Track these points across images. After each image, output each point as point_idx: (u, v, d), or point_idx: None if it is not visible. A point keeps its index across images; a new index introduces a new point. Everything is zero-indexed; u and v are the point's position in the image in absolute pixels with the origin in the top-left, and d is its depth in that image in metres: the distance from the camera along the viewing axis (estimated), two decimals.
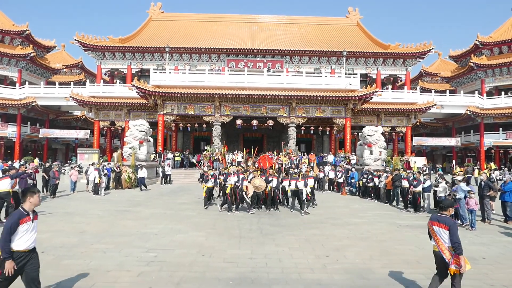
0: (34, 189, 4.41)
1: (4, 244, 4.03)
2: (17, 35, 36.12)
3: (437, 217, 4.89)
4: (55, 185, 15.72)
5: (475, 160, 37.68)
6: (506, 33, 37.95)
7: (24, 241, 4.20)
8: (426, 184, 13.15)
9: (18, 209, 4.30)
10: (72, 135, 37.32)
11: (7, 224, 4.10)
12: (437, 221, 4.83)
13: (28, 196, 4.30)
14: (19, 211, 4.25)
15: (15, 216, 4.15)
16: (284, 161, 22.83)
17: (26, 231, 4.20)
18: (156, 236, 8.75)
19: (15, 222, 4.10)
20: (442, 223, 4.74)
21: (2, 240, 4.04)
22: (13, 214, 4.21)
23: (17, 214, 4.19)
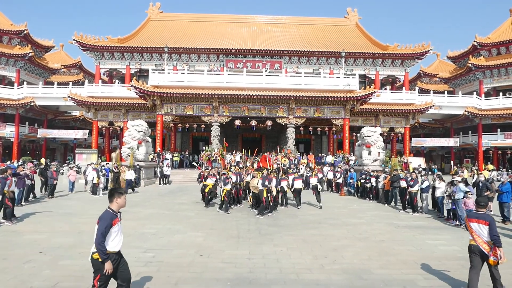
0: (121, 190, 4.38)
1: (101, 246, 4.01)
2: (16, 34, 36.03)
3: (476, 215, 5.31)
4: (53, 186, 15.69)
5: (473, 161, 37.76)
6: (504, 34, 38.06)
7: (116, 242, 4.20)
8: (424, 184, 13.17)
9: (107, 210, 4.23)
10: (71, 135, 37.26)
11: (102, 226, 4.05)
12: (475, 218, 5.24)
13: (116, 197, 4.27)
14: (110, 213, 4.20)
15: (108, 218, 4.11)
16: (283, 161, 22.87)
17: (117, 232, 4.21)
18: (154, 236, 8.74)
19: (109, 224, 4.09)
20: (481, 219, 5.15)
21: (98, 242, 4.02)
22: (105, 216, 4.13)
23: (109, 216, 4.14)
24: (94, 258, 4.12)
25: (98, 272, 4.10)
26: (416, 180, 13.30)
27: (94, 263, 4.14)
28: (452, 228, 10.56)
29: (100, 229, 4.04)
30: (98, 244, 4.01)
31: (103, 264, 4.05)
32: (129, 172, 18.41)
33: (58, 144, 42.60)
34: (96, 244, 4.03)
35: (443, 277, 6.14)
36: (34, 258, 6.74)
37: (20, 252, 7.15)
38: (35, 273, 5.97)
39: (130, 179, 18.27)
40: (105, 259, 4.03)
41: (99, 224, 4.08)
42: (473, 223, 5.23)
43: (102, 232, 4.02)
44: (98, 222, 4.12)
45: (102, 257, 4.02)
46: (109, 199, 4.31)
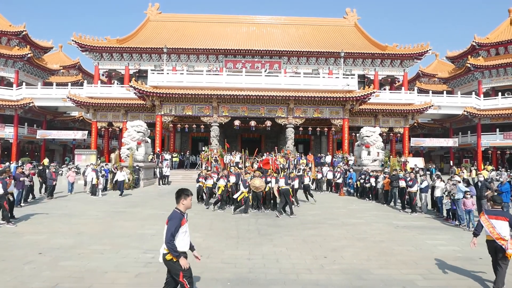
0: (188, 191, 4.41)
1: (171, 245, 4.08)
2: (14, 35, 35.99)
3: (494, 212, 5.68)
4: (52, 186, 15.67)
5: (472, 161, 37.81)
6: (503, 34, 38.13)
7: (185, 242, 4.25)
8: (423, 184, 13.19)
9: (175, 211, 4.27)
10: (70, 136, 37.20)
11: (172, 226, 4.11)
12: (494, 214, 5.61)
13: (182, 198, 4.32)
14: (178, 213, 4.24)
15: (177, 218, 4.17)
16: (282, 161, 22.86)
17: (185, 232, 4.26)
18: (153, 237, 8.74)
19: (179, 224, 4.15)
20: (500, 216, 5.55)
21: (168, 241, 4.08)
22: (174, 216, 4.18)
23: (178, 216, 4.20)
24: (167, 260, 4.20)
25: (178, 270, 4.18)
26: (415, 180, 13.32)
27: (170, 264, 4.22)
28: (452, 228, 10.58)
29: (170, 229, 4.11)
30: (168, 243, 4.08)
31: (178, 263, 4.15)
32: (120, 173, 17.60)
33: (57, 145, 42.54)
34: (166, 243, 4.09)
35: (443, 277, 6.15)
36: (34, 259, 6.73)
37: (20, 253, 7.15)
38: (35, 274, 5.96)
39: (122, 181, 17.44)
40: (178, 256, 4.12)
41: (169, 224, 4.14)
42: (492, 220, 5.52)
43: (172, 232, 4.09)
44: (167, 222, 4.18)
45: (175, 255, 4.11)
46: (176, 200, 4.36)
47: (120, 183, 17.31)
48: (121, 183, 17.32)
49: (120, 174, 17.52)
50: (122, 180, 17.38)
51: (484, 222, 5.63)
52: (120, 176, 17.47)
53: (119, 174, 17.57)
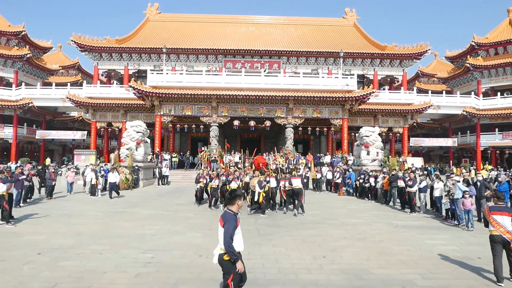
0: (241, 192, 4.47)
1: (231, 247, 4.09)
2: (13, 36, 35.95)
3: (498, 208, 6.06)
4: (51, 187, 15.65)
5: (471, 161, 37.85)
6: (502, 34, 38.17)
7: (239, 243, 4.26)
8: (422, 184, 13.20)
9: (228, 212, 4.29)
10: (69, 136, 37.17)
11: (230, 227, 4.13)
12: (498, 210, 5.99)
13: (237, 199, 4.35)
14: (232, 215, 4.26)
15: (233, 219, 4.19)
16: (281, 161, 22.86)
17: (239, 233, 4.27)
18: (153, 237, 8.74)
19: (235, 226, 4.17)
20: (505, 212, 5.94)
21: (228, 244, 4.08)
22: (229, 218, 4.20)
23: (233, 218, 4.22)
24: (225, 260, 4.20)
25: (231, 272, 4.18)
26: (415, 180, 13.33)
27: (225, 265, 4.22)
28: (451, 227, 10.59)
29: (229, 230, 4.11)
30: (227, 246, 4.08)
31: (234, 265, 4.16)
32: (112, 175, 16.49)
33: (56, 145, 42.52)
34: (225, 245, 4.10)
35: (442, 277, 6.16)
36: (33, 259, 6.73)
37: (19, 253, 7.14)
38: (34, 274, 5.96)
39: (114, 182, 16.37)
40: (236, 259, 4.14)
41: (226, 226, 4.14)
42: (496, 216, 5.91)
43: (231, 234, 4.11)
44: (223, 224, 4.19)
45: (233, 258, 4.12)
46: (230, 202, 4.38)
47: (113, 185, 16.30)
48: (113, 184, 16.31)
49: (112, 175, 16.48)
50: (114, 182, 16.39)
51: (487, 217, 6.11)
52: (112, 177, 16.44)
53: (111, 175, 16.57)
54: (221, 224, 4.22)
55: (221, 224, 4.20)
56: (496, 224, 5.89)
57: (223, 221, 4.19)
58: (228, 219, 4.18)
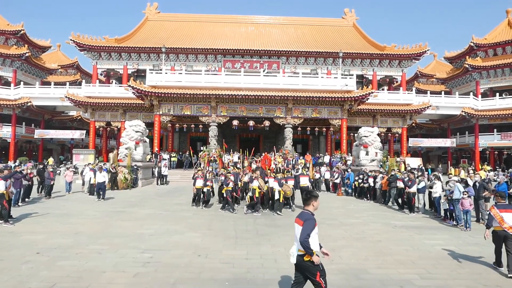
0: (316, 193, 4.54)
1: (307, 243, 4.14)
2: (12, 35, 35.86)
3: (502, 205, 6.75)
4: (50, 186, 15.63)
5: (470, 161, 37.93)
6: (501, 35, 38.24)
7: (316, 243, 4.31)
8: (421, 185, 13.23)
9: (306, 212, 4.35)
10: (68, 136, 37.10)
11: (309, 227, 4.19)
12: (503, 208, 6.64)
13: (312, 200, 4.41)
14: (310, 215, 4.31)
15: (313, 219, 4.26)
16: (280, 161, 22.91)
17: (316, 233, 4.33)
18: (152, 236, 8.74)
19: (314, 225, 4.24)
20: (509, 209, 6.63)
21: (304, 240, 4.14)
22: (309, 218, 4.26)
23: (312, 217, 4.28)
24: (305, 260, 4.26)
25: (316, 270, 4.26)
26: (414, 181, 13.35)
27: (307, 265, 4.28)
28: (449, 228, 10.62)
29: (308, 230, 4.18)
30: (303, 240, 4.14)
31: (313, 263, 4.22)
32: (100, 174, 15.51)
33: (55, 145, 42.44)
34: (301, 239, 4.15)
35: (440, 277, 6.18)
36: (32, 259, 6.73)
37: (18, 253, 7.14)
38: (32, 273, 5.96)
39: (102, 182, 15.42)
40: (312, 254, 4.18)
41: (306, 224, 4.20)
42: (503, 213, 6.53)
43: (309, 233, 4.17)
44: (302, 223, 4.23)
45: (309, 253, 4.17)
46: (305, 202, 4.44)
47: (101, 185, 15.35)
48: (101, 185, 15.36)
49: (99, 175, 15.47)
50: (103, 182, 15.43)
51: (495, 215, 6.58)
52: (99, 177, 15.45)
53: (98, 175, 15.54)
54: (299, 223, 4.29)
55: (300, 223, 4.28)
56: (502, 221, 6.46)
57: (302, 220, 4.27)
58: (307, 218, 4.26)
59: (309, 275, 4.31)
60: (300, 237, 4.16)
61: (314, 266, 4.24)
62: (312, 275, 4.27)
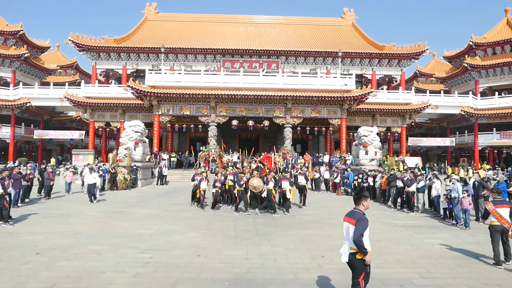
0: (367, 193, 4.63)
1: (362, 242, 4.20)
2: (11, 35, 35.82)
3: (499, 201, 7.12)
4: (49, 186, 15.61)
5: (469, 160, 37.97)
6: (500, 34, 38.28)
7: (368, 242, 4.35)
8: (420, 184, 13.23)
9: (358, 211, 4.41)
10: (67, 136, 37.08)
11: (363, 226, 4.26)
12: (500, 204, 7.03)
13: (363, 200, 4.49)
14: (362, 214, 4.38)
15: (366, 219, 4.34)
16: (279, 161, 22.89)
17: (367, 233, 4.38)
18: (151, 237, 8.73)
19: (367, 225, 4.32)
20: (505, 204, 7.06)
21: (358, 239, 4.20)
22: (362, 217, 4.33)
23: (365, 217, 4.35)
24: (357, 259, 4.30)
25: (363, 271, 4.30)
26: (413, 180, 13.36)
27: (358, 263, 4.32)
28: (449, 227, 10.62)
29: (362, 229, 4.24)
30: (357, 239, 4.19)
31: (365, 263, 4.28)
32: (91, 175, 14.65)
33: (54, 145, 42.41)
34: (356, 241, 4.20)
35: (440, 276, 6.18)
36: (31, 259, 6.72)
37: (17, 253, 7.13)
38: (32, 274, 5.95)
39: (92, 184, 14.62)
40: (366, 252, 4.24)
41: (359, 224, 4.26)
42: (499, 209, 6.88)
43: (362, 232, 4.23)
44: (354, 222, 4.30)
45: (364, 252, 4.22)
46: (356, 201, 4.52)
47: (91, 187, 14.53)
48: (91, 186, 14.54)
49: (90, 177, 14.61)
50: (93, 183, 14.67)
51: (491, 211, 6.96)
52: (90, 178, 14.60)
53: (88, 177, 14.64)
54: (351, 222, 4.35)
55: (352, 222, 4.33)
56: (499, 216, 6.83)
57: (354, 219, 4.33)
58: (360, 217, 4.33)
59: (354, 274, 4.37)
60: (354, 236, 4.22)
61: (363, 266, 4.30)
62: (357, 275, 4.32)
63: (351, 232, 4.28)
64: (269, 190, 12.40)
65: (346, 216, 4.51)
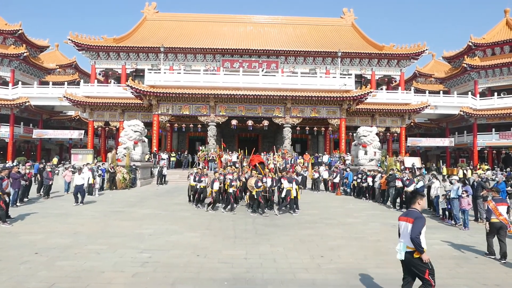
0: (423, 193, 4.86)
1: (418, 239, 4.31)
2: (10, 34, 35.75)
3: (499, 200, 7.64)
4: (48, 186, 15.59)
5: (468, 161, 38.01)
6: (499, 35, 38.31)
7: (424, 240, 4.42)
8: (419, 184, 13.25)
9: (415, 211, 4.51)
10: (66, 136, 37.02)
11: (421, 224, 4.38)
12: (500, 202, 7.52)
13: (418, 199, 4.63)
14: (420, 214, 4.47)
15: (423, 218, 4.45)
16: (279, 161, 22.90)
17: (424, 231, 4.46)
18: (150, 236, 8.73)
19: (424, 224, 4.42)
20: (504, 202, 7.66)
21: (416, 236, 4.32)
22: (420, 216, 4.43)
23: (422, 217, 4.45)
24: (415, 257, 4.39)
25: (426, 268, 4.39)
26: (412, 180, 13.38)
27: (416, 262, 4.40)
28: (448, 227, 10.63)
29: (419, 227, 4.36)
30: (415, 237, 4.30)
31: (421, 260, 4.35)
32: (79, 176, 13.75)
33: (53, 145, 42.34)
34: (413, 236, 4.32)
35: (439, 276, 6.16)
36: (30, 259, 6.71)
37: (16, 253, 7.12)
38: (31, 274, 5.94)
39: (81, 185, 13.68)
40: (423, 251, 4.32)
41: (417, 222, 4.38)
42: (499, 206, 7.36)
43: (420, 230, 4.35)
44: (412, 221, 4.40)
45: (420, 250, 4.31)
46: (412, 201, 4.66)
47: (79, 188, 13.62)
48: (79, 187, 13.62)
49: (78, 177, 13.72)
50: (81, 184, 13.69)
51: (493, 208, 7.37)
52: (78, 179, 13.67)
53: (77, 178, 13.76)
54: (409, 221, 4.45)
55: (409, 220, 4.44)
56: (499, 214, 7.28)
57: (411, 217, 4.44)
58: (418, 216, 4.44)
59: (418, 272, 4.42)
60: (412, 234, 4.32)
61: (423, 264, 4.35)
62: (421, 273, 4.39)
63: (409, 231, 4.38)
64: (288, 190, 12.50)
65: (402, 216, 4.64)
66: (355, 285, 5.74)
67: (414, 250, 4.35)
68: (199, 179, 13.64)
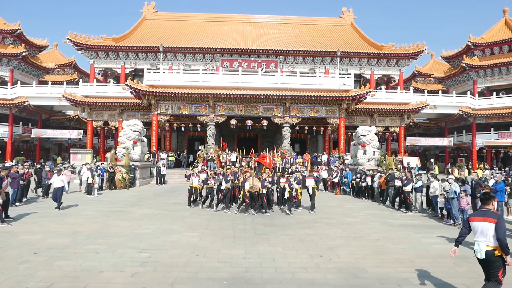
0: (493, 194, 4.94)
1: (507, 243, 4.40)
2: (9, 34, 35.69)
3: None
4: (47, 186, 15.56)
5: (467, 160, 38.05)
6: (498, 34, 38.36)
7: None
8: (418, 184, 13.26)
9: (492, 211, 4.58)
10: (65, 135, 36.98)
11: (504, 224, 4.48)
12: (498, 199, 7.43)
13: (492, 200, 4.72)
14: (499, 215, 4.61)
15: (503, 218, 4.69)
16: (278, 161, 22.91)
17: None
18: (150, 236, 8.72)
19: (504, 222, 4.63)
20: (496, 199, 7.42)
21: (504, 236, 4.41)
22: (500, 216, 4.53)
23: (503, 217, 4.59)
24: (496, 256, 4.49)
25: (502, 267, 4.50)
26: (410, 179, 13.39)
27: (496, 260, 4.50)
28: (447, 226, 10.65)
29: (504, 226, 4.49)
30: (504, 239, 4.38)
31: (502, 258, 4.47)
32: (58, 178, 12.71)
33: (52, 144, 42.28)
34: (502, 239, 4.39)
35: (438, 275, 6.20)
36: (29, 259, 6.70)
37: (15, 253, 7.11)
38: (30, 273, 5.94)
39: (60, 187, 12.55)
40: (509, 252, 4.39)
41: (501, 222, 4.48)
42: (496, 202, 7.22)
43: (505, 230, 4.48)
44: (495, 221, 4.47)
45: (507, 251, 4.40)
46: (486, 202, 4.74)
47: (57, 191, 12.49)
48: (57, 190, 12.49)
49: (57, 179, 12.69)
50: (61, 187, 12.59)
51: None
52: (57, 181, 12.65)
53: (55, 179, 12.75)
54: (490, 221, 4.51)
55: (491, 221, 4.50)
56: None
57: (493, 218, 4.51)
58: (499, 216, 4.54)
59: (492, 270, 4.52)
60: (500, 234, 4.40)
61: (502, 262, 4.45)
62: (496, 270, 4.48)
63: (491, 231, 4.44)
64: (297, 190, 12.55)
65: (475, 216, 4.70)
66: (354, 284, 5.74)
67: (495, 249, 4.44)
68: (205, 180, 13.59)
